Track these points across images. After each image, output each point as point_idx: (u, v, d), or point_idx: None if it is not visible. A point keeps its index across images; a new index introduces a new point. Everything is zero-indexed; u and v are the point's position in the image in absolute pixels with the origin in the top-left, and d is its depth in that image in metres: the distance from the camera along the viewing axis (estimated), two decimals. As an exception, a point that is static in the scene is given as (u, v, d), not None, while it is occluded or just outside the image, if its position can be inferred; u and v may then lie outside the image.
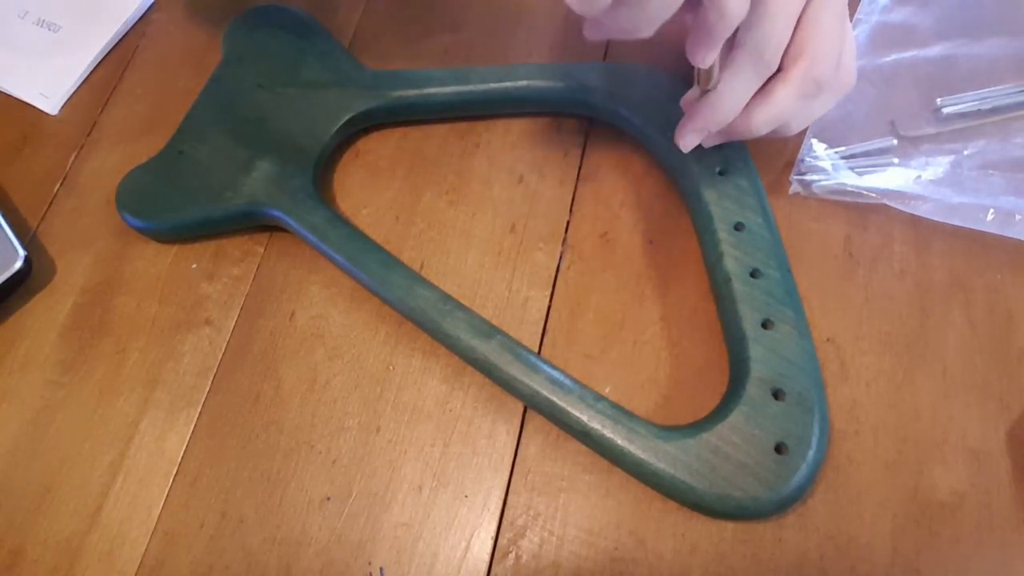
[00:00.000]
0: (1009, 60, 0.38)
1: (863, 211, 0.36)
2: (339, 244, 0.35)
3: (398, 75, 0.40)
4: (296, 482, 0.33)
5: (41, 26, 0.46)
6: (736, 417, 0.30)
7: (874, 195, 0.35)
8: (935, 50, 0.39)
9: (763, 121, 0.31)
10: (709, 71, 0.30)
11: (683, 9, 0.26)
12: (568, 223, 0.37)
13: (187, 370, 0.35)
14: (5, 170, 0.41)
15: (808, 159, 0.36)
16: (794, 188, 0.36)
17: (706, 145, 0.34)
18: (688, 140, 0.33)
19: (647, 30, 0.26)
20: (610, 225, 0.37)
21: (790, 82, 0.30)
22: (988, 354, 0.32)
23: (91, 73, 0.45)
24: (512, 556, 0.31)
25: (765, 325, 0.32)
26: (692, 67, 0.30)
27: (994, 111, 0.36)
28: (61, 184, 0.41)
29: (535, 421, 0.33)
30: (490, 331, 0.33)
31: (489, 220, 0.38)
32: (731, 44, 0.29)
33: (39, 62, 0.45)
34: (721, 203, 0.34)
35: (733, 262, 0.33)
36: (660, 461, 0.30)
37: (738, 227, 0.34)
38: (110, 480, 0.33)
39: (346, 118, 0.39)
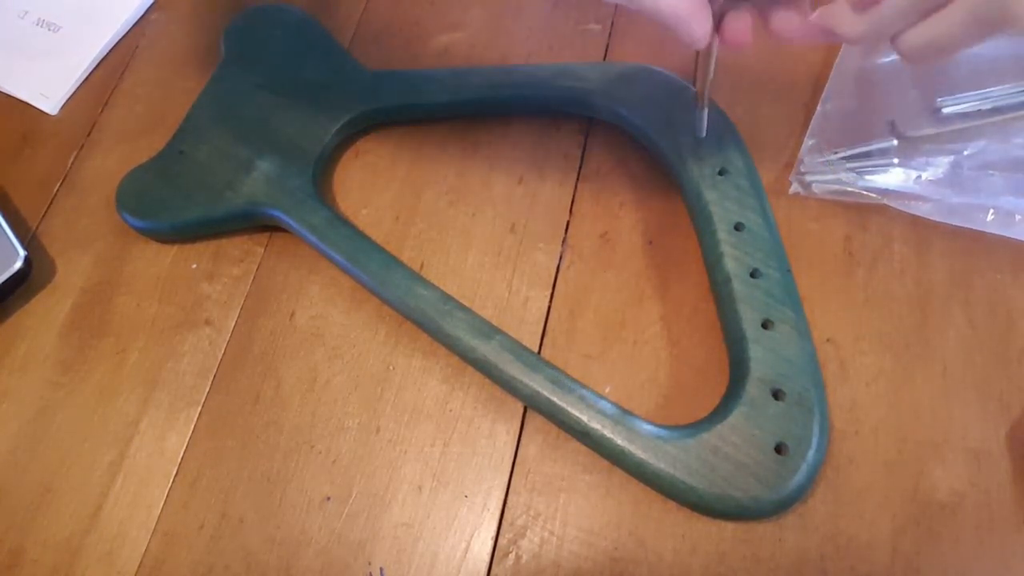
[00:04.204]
0: (1009, 60, 0.38)
1: (863, 211, 0.36)
2: (339, 244, 0.35)
3: (398, 75, 0.40)
4: (296, 482, 0.33)
5: (41, 26, 0.46)
6: (736, 417, 0.30)
7: (874, 195, 0.35)
8: (935, 50, 0.39)
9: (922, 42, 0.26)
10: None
11: None
12: (568, 223, 0.37)
13: (187, 370, 0.35)
14: (5, 170, 0.41)
15: (808, 159, 0.36)
16: (794, 188, 0.36)
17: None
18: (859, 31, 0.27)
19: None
20: (610, 225, 0.37)
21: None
22: (988, 354, 0.32)
23: (91, 73, 0.45)
24: (512, 556, 0.31)
25: (765, 325, 0.32)
26: (692, 68, 0.30)
27: (994, 111, 0.36)
28: (61, 184, 0.41)
29: (535, 421, 0.33)
30: (490, 331, 0.33)
31: (489, 220, 0.38)
32: None
33: (39, 62, 0.45)
34: (721, 203, 0.34)
35: (733, 262, 0.33)
36: (660, 461, 0.30)
37: (738, 227, 0.34)
38: (110, 480, 0.33)
39: (346, 118, 0.39)
